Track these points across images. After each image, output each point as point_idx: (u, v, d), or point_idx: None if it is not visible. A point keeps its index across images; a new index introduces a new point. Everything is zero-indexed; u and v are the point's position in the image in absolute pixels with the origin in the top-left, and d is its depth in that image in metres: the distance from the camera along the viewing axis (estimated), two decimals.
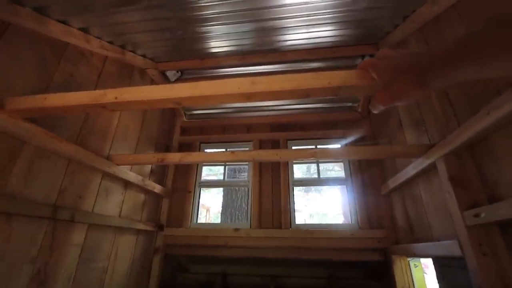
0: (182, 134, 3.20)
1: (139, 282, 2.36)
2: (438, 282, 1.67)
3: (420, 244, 1.78)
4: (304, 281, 2.55)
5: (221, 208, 3.88)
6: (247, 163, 3.07)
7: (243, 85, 0.95)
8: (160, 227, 2.64)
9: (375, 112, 0.64)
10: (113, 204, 2.07)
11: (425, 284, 2.24)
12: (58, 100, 1.16)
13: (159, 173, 2.80)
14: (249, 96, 0.97)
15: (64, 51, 1.70)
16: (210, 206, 9.25)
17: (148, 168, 2.60)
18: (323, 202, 10.37)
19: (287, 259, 2.50)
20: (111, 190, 2.04)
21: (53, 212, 1.49)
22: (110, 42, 2.02)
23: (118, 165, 2.00)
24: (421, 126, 1.82)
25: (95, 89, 1.88)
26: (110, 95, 1.07)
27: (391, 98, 0.57)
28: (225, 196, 3.98)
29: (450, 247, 1.41)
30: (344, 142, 2.91)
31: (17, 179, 1.35)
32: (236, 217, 3.69)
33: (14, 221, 1.32)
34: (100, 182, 1.93)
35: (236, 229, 2.58)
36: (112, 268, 2.01)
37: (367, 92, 0.94)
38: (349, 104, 3.00)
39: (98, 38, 1.92)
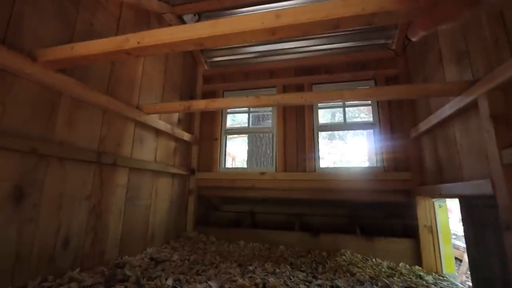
0: (205, 83, 3.19)
1: (178, 218, 2.67)
2: (462, 220, 1.70)
3: (448, 184, 1.76)
4: (327, 219, 2.72)
5: (246, 156, 4.04)
6: (270, 110, 3.05)
7: (267, 19, 0.88)
8: (192, 172, 2.86)
9: (414, 39, 0.58)
10: (148, 150, 2.23)
11: (448, 224, 2.29)
12: (84, 48, 1.18)
13: (186, 122, 2.90)
14: (274, 32, 0.91)
15: None
16: (235, 155, 9.65)
17: (175, 117, 2.70)
18: (348, 149, 10.34)
19: (311, 200, 2.64)
20: (144, 138, 2.19)
21: (98, 157, 1.66)
22: None
23: (147, 114, 2.09)
24: (465, 60, 1.62)
25: None
26: (132, 40, 1.06)
27: (435, 21, 0.50)
28: (250, 144, 4.09)
29: (480, 186, 1.39)
30: (374, 84, 2.73)
31: (61, 128, 1.48)
32: (262, 163, 3.84)
33: (67, 165, 1.49)
34: (134, 130, 2.06)
35: (262, 173, 2.72)
36: (154, 206, 2.28)
37: (406, 17, 0.83)
38: (382, 41, 2.72)
39: None
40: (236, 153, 9.61)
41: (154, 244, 2.25)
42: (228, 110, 3.16)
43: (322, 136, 10.80)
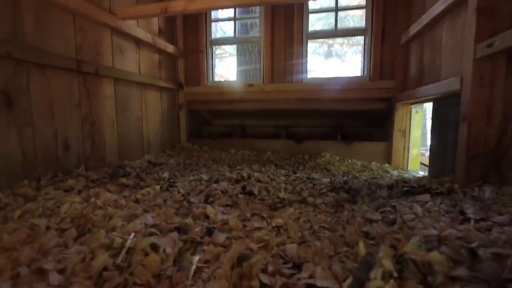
0: None
1: (171, 131, 2.82)
2: (432, 121, 1.85)
3: (424, 87, 1.83)
4: (313, 129, 2.91)
5: (236, 71, 3.95)
6: (258, 16, 2.83)
7: None
8: (180, 86, 2.85)
9: None
10: (130, 62, 2.17)
11: (421, 129, 2.48)
12: None
13: (168, 32, 2.72)
14: None
15: None
16: (228, 77, 9.43)
17: (155, 26, 2.51)
18: (344, 68, 10.03)
19: (297, 110, 2.75)
20: (124, 48, 2.10)
21: (78, 65, 1.64)
22: None
23: (122, 19, 1.94)
24: None
25: None
26: None
27: None
28: (238, 59, 3.95)
29: (451, 84, 1.46)
30: None
31: (31, 32, 1.41)
32: (251, 78, 3.80)
33: (48, 72, 1.49)
34: (112, 39, 1.95)
35: (250, 85, 2.74)
36: (146, 117, 2.38)
37: None
38: None
39: None
40: (228, 75, 9.36)
41: (151, 153, 2.45)
42: (213, 17, 2.92)
43: (318, 53, 10.27)
